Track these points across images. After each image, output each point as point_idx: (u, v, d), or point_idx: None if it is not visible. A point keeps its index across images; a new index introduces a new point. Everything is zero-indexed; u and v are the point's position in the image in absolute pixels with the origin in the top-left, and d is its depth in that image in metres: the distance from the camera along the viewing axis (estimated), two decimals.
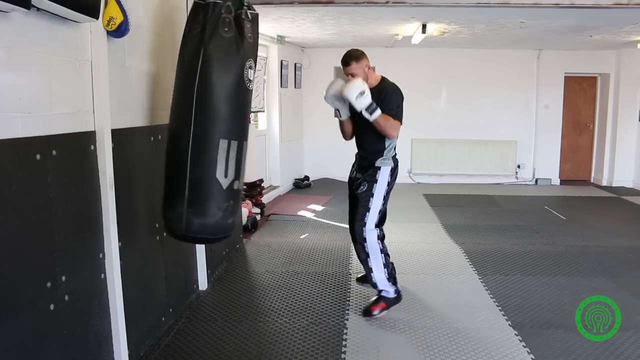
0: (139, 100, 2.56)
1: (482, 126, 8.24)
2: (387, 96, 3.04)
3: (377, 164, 3.11)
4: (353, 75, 3.02)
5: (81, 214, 2.04)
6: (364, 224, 3.08)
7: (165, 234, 2.80)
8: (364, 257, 3.13)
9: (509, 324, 2.99)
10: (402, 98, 3.08)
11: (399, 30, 6.26)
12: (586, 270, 4.00)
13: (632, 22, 5.49)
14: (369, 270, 3.13)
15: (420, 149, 8.27)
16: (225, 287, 3.56)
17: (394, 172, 3.15)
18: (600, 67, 8.18)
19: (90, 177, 2.09)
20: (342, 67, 3.11)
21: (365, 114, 2.91)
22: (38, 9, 1.68)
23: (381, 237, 3.14)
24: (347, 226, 3.42)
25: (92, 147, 2.09)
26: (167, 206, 2.43)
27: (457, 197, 7.14)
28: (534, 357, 2.60)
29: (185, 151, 2.35)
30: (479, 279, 3.76)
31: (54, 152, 1.83)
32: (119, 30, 2.14)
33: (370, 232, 3.08)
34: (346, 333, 2.87)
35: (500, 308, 3.22)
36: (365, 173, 3.15)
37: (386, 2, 3.89)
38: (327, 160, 8.16)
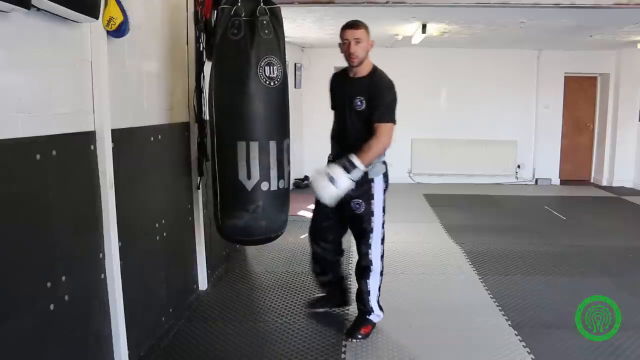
0: (139, 100, 2.56)
1: (482, 126, 8.24)
2: (379, 94, 2.60)
3: (370, 175, 2.68)
4: (358, 41, 2.59)
5: (81, 214, 2.04)
6: (370, 246, 2.76)
7: (165, 233, 2.81)
8: (364, 279, 2.82)
9: (509, 324, 2.98)
10: (395, 95, 2.64)
11: (399, 30, 6.26)
12: (586, 270, 4.00)
13: (632, 22, 5.49)
14: (366, 292, 2.82)
15: (420, 149, 8.27)
16: (225, 287, 3.56)
17: (386, 176, 2.77)
18: (600, 67, 8.18)
19: (90, 177, 2.08)
20: (342, 31, 2.65)
21: (356, 174, 2.49)
22: (38, 9, 1.68)
23: (383, 255, 2.84)
24: None
25: (92, 147, 2.09)
26: (213, 207, 2.64)
27: (457, 197, 7.14)
28: (534, 357, 2.60)
29: (212, 154, 2.52)
30: (479, 279, 3.75)
31: (54, 152, 1.83)
32: (119, 30, 2.14)
33: (377, 254, 2.78)
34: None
35: (500, 308, 3.21)
36: (356, 189, 2.65)
37: (386, 2, 3.90)
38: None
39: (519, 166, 8.35)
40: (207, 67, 3.28)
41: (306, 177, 8.00)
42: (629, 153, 8.06)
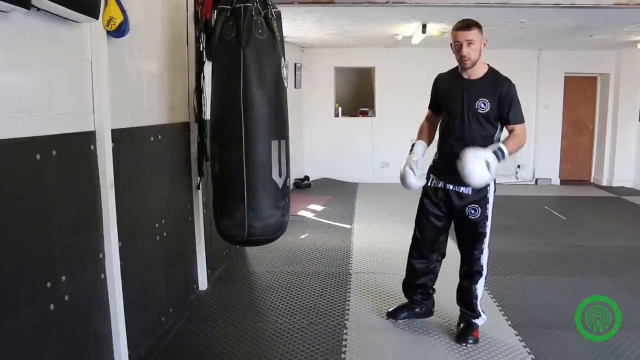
0: (139, 100, 2.56)
1: None
2: (510, 96, 2.60)
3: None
4: (470, 43, 2.52)
5: (81, 214, 2.04)
6: (482, 251, 2.74)
7: (165, 233, 2.81)
8: (474, 285, 2.75)
9: (509, 324, 2.99)
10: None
11: (399, 30, 6.26)
12: (586, 270, 4.00)
13: (632, 22, 5.49)
14: (474, 297, 2.76)
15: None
16: (225, 287, 3.56)
17: (495, 181, 2.77)
18: (600, 67, 8.18)
19: (90, 177, 2.08)
20: (453, 32, 2.59)
21: (502, 161, 2.56)
22: (38, 9, 1.68)
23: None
24: (348, 226, 3.36)
25: (92, 147, 2.09)
26: (224, 213, 2.57)
27: None
28: (534, 357, 2.60)
29: (240, 157, 2.46)
30: None
31: (54, 152, 1.83)
32: (119, 30, 2.14)
33: (486, 259, 2.75)
34: (346, 333, 2.87)
35: (500, 308, 3.21)
36: (474, 194, 2.72)
37: (386, 2, 3.90)
38: (327, 160, 8.14)
39: (519, 166, 8.34)
40: (207, 67, 3.30)
41: (306, 177, 8.00)
42: (629, 153, 8.06)
